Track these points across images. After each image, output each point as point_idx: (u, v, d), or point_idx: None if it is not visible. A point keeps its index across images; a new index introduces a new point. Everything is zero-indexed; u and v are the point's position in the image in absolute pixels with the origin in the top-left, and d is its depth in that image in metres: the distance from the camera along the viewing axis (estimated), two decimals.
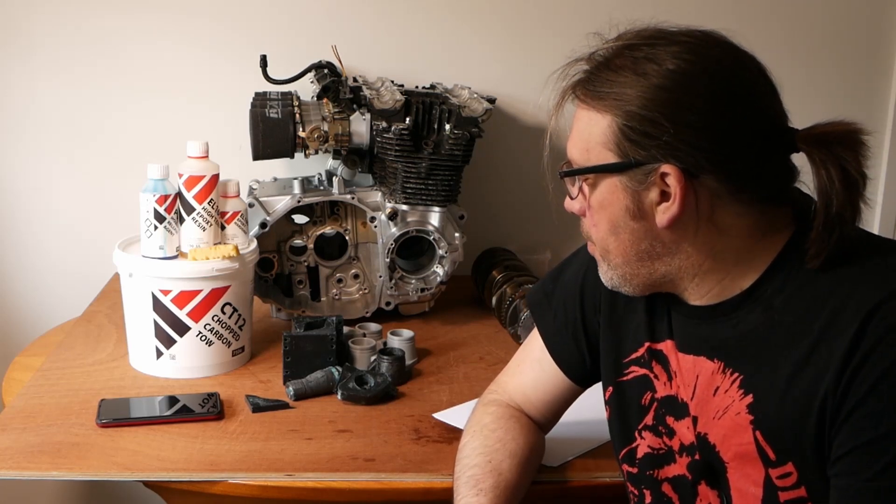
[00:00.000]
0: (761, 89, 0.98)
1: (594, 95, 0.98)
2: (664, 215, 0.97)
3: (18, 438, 1.33)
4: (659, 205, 0.97)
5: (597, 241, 1.06)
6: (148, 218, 1.51)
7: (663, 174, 0.95)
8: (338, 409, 1.45)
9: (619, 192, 0.99)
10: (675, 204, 0.96)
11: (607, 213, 1.01)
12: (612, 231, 1.02)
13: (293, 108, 1.75)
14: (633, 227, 1.00)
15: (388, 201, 1.76)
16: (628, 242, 1.01)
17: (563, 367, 1.24)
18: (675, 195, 0.96)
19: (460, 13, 2.04)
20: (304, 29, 2.01)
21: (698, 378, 1.04)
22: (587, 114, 1.00)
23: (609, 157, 0.98)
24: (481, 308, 1.88)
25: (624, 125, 0.96)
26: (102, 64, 2.01)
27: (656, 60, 0.95)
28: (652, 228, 0.99)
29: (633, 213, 0.99)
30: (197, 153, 1.54)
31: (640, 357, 1.12)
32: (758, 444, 0.96)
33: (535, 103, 2.08)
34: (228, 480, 1.25)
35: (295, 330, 1.56)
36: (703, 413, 1.03)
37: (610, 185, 0.99)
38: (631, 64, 0.96)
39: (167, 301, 1.51)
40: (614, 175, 0.98)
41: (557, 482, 1.28)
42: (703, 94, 0.94)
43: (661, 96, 0.94)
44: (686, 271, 1.01)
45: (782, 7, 2.11)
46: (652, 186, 0.97)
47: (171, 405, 1.43)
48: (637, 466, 1.13)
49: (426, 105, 1.75)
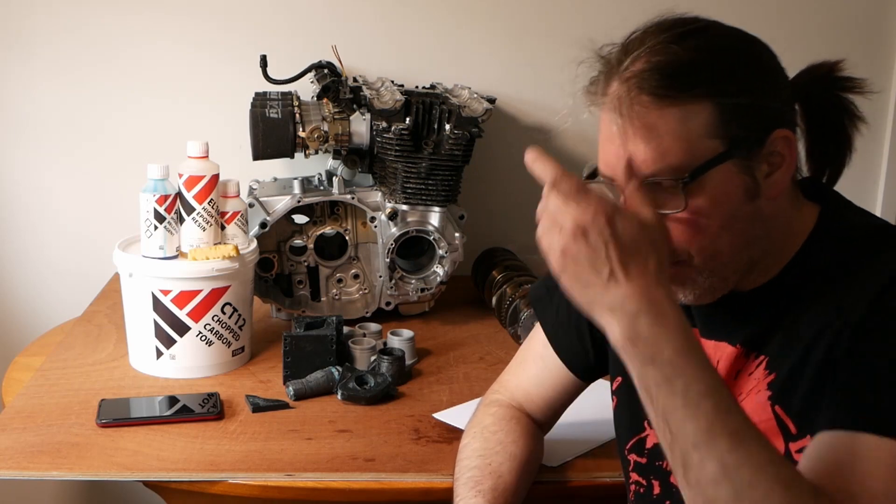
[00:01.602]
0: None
1: (682, 86, 0.91)
2: (776, 185, 0.94)
3: (18, 438, 1.33)
4: (768, 177, 0.94)
5: (702, 251, 0.95)
6: (148, 218, 1.51)
7: (774, 139, 0.93)
8: (338, 409, 1.45)
9: (734, 176, 0.92)
10: (786, 166, 0.94)
11: (723, 208, 0.93)
12: (725, 227, 0.94)
13: (293, 108, 1.75)
14: (748, 212, 0.94)
15: (388, 201, 1.76)
16: (741, 232, 0.95)
17: (566, 360, 1.23)
18: (788, 156, 0.94)
19: (460, 13, 2.04)
20: (304, 29, 2.01)
21: (718, 363, 1.02)
22: (673, 112, 0.91)
23: (716, 146, 0.91)
24: (481, 308, 1.88)
25: (728, 105, 0.91)
26: (102, 64, 2.01)
27: (720, 35, 0.94)
28: (761, 207, 0.95)
29: (752, 191, 0.93)
30: (197, 153, 1.54)
31: None
32: (778, 419, 0.94)
33: (535, 103, 2.08)
34: (228, 480, 1.25)
35: (295, 330, 1.56)
36: None
37: (723, 173, 0.92)
38: (704, 44, 0.93)
39: (167, 301, 1.51)
40: (727, 161, 0.92)
41: (557, 482, 1.28)
42: (766, 56, 0.95)
43: (748, 66, 0.93)
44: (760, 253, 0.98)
45: (782, 7, 2.11)
46: (764, 158, 0.93)
47: (171, 405, 1.43)
48: (646, 456, 1.11)
49: (426, 105, 1.74)
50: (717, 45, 0.94)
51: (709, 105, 0.91)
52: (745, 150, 0.92)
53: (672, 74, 0.91)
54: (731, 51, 0.94)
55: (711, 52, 0.92)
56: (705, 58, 0.92)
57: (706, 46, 0.93)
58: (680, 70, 0.91)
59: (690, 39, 0.93)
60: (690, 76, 0.91)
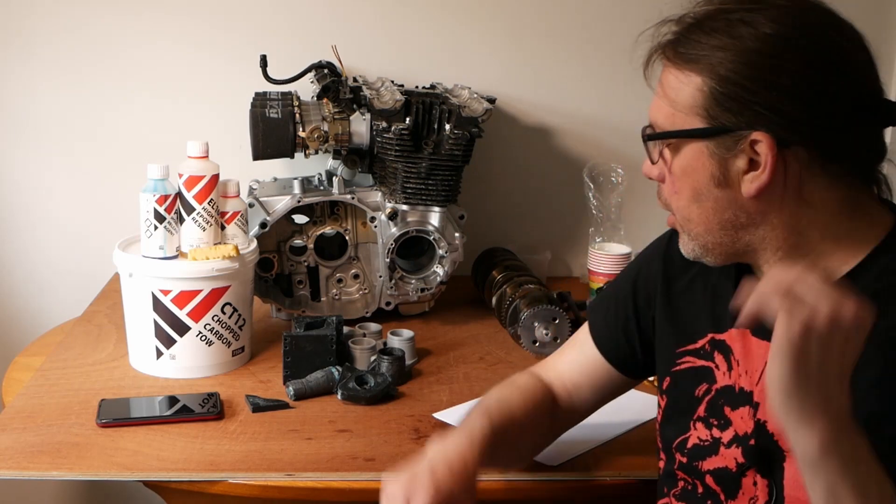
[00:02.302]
0: (859, 58, 0.95)
1: (685, 57, 0.95)
2: (752, 185, 0.95)
3: (18, 438, 1.33)
4: (746, 173, 0.95)
5: (677, 210, 1.03)
6: (148, 218, 1.51)
7: (754, 142, 0.93)
8: (338, 409, 1.45)
9: (704, 158, 0.96)
10: (764, 173, 0.93)
11: (691, 179, 0.98)
12: (694, 199, 0.99)
13: (293, 108, 1.75)
14: (717, 196, 0.97)
15: (388, 201, 1.76)
16: (711, 211, 0.98)
17: (605, 351, 1.24)
18: (764, 164, 0.93)
19: (460, 13, 2.04)
20: (304, 29, 2.01)
21: (766, 364, 1.00)
22: (675, 76, 0.97)
23: (696, 122, 0.95)
24: (481, 308, 1.88)
25: (715, 88, 0.93)
26: (103, 64, 2.01)
27: (752, 24, 0.92)
28: (736, 198, 0.96)
29: (719, 180, 0.96)
30: (197, 153, 1.54)
31: (700, 348, 1.10)
32: None
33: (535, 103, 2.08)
34: (228, 480, 1.25)
35: (295, 330, 1.56)
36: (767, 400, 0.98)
37: (695, 150, 0.96)
38: (725, 26, 0.93)
39: (167, 301, 1.51)
40: (701, 140, 0.95)
41: (557, 482, 1.28)
42: (799, 59, 0.92)
43: (756, 60, 0.92)
44: (770, 242, 0.99)
45: None
46: (740, 154, 0.94)
47: (171, 405, 1.43)
48: (687, 456, 1.11)
49: (426, 105, 1.75)
50: (744, 32, 0.92)
51: (700, 83, 0.94)
52: (719, 139, 0.94)
53: (688, 42, 0.95)
54: (755, 41, 0.92)
55: (730, 35, 0.93)
56: (718, 39, 0.93)
57: (727, 29, 0.93)
58: (692, 41, 0.95)
59: (726, 16, 0.94)
60: (699, 50, 0.94)
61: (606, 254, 1.92)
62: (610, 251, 1.94)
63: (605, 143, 2.10)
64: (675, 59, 0.96)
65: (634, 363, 1.23)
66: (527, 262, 1.94)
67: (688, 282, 1.14)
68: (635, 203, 2.06)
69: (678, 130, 0.97)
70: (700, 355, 1.10)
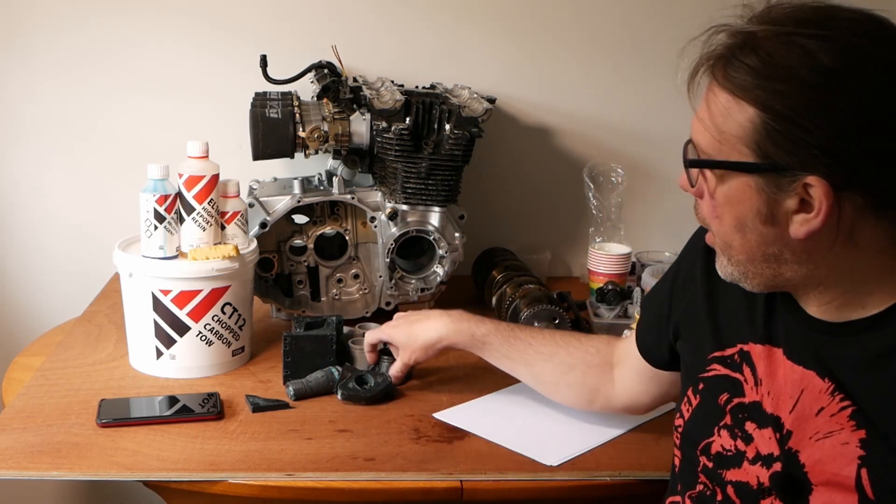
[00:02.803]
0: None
1: (735, 82, 0.89)
2: (802, 227, 0.90)
3: (18, 438, 1.33)
4: (796, 214, 0.90)
5: (718, 234, 0.98)
6: (148, 218, 1.51)
7: (807, 185, 0.87)
8: (338, 409, 1.45)
9: (751, 192, 0.91)
10: (817, 218, 0.88)
11: (735, 210, 0.93)
12: (737, 228, 0.94)
13: (293, 108, 1.75)
14: (763, 231, 0.93)
15: (388, 201, 1.76)
16: (755, 244, 0.94)
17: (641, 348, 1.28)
18: (818, 209, 0.88)
19: (460, 13, 2.04)
20: (304, 29, 2.01)
21: (803, 392, 0.97)
22: (726, 99, 0.90)
23: (745, 154, 0.90)
24: (481, 308, 1.87)
25: (769, 124, 0.87)
26: (102, 64, 2.01)
27: (813, 54, 0.85)
28: (783, 235, 0.92)
29: (765, 217, 0.91)
30: (197, 153, 1.54)
31: (730, 357, 1.07)
32: (858, 482, 0.90)
33: (535, 103, 2.08)
34: (228, 480, 1.25)
35: (295, 330, 1.56)
36: (801, 430, 0.97)
37: (742, 184, 0.91)
38: (783, 53, 0.86)
39: (167, 301, 1.51)
40: (749, 175, 0.90)
41: (557, 482, 1.28)
42: (862, 99, 0.85)
43: (817, 98, 0.85)
44: (811, 279, 0.95)
45: None
46: (791, 194, 0.89)
47: (171, 405, 1.43)
48: (713, 461, 1.08)
49: (426, 105, 1.74)
50: (805, 64, 0.85)
51: (752, 115, 0.88)
52: (770, 176, 0.89)
53: (740, 66, 0.88)
54: (816, 76, 0.85)
55: (789, 66, 0.86)
56: (776, 69, 0.86)
57: (785, 58, 0.86)
58: (750, 67, 0.88)
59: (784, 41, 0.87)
60: (756, 78, 0.87)
61: (606, 254, 1.92)
62: (610, 251, 1.93)
63: (605, 143, 2.10)
64: (724, 81, 0.90)
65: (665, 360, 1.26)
66: (527, 262, 1.94)
67: (729, 286, 1.08)
68: (635, 203, 2.07)
69: (725, 161, 0.91)
70: (727, 364, 1.07)
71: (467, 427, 1.39)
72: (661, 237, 2.08)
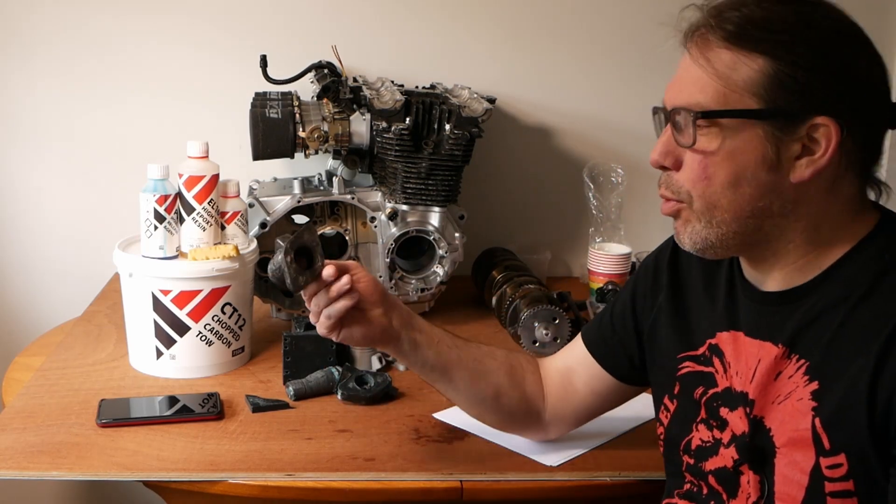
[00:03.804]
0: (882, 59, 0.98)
1: (746, 36, 0.94)
2: (806, 169, 0.94)
3: (18, 438, 1.33)
4: (799, 158, 0.94)
5: (704, 196, 0.99)
6: (148, 218, 1.51)
7: (814, 126, 0.93)
8: (338, 409, 1.45)
9: (759, 141, 0.95)
10: (824, 157, 0.93)
11: (736, 163, 0.96)
12: (732, 184, 0.97)
13: (293, 108, 1.75)
14: (762, 181, 0.96)
15: (388, 201, 1.76)
16: (747, 197, 0.97)
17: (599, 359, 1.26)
18: (825, 149, 0.93)
19: (460, 13, 2.04)
20: (304, 29, 2.01)
21: (760, 362, 1.02)
22: (730, 55, 0.94)
23: (752, 103, 0.94)
24: (481, 308, 1.88)
25: (782, 71, 0.92)
26: (102, 64, 2.01)
27: (818, 10, 0.95)
28: (780, 183, 0.96)
29: (771, 163, 0.95)
30: (197, 153, 1.54)
31: (701, 355, 1.11)
32: (814, 432, 0.95)
33: (535, 103, 2.08)
34: (228, 480, 1.25)
35: (295, 330, 1.56)
36: (762, 396, 1.01)
37: (750, 133, 0.95)
38: (794, 10, 0.94)
39: (167, 301, 1.51)
40: (758, 122, 0.94)
41: (557, 482, 1.28)
42: (860, 51, 0.94)
43: (827, 46, 0.93)
44: (787, 234, 0.99)
45: None
46: (796, 139, 0.94)
47: (171, 405, 1.43)
48: (693, 458, 1.12)
49: (426, 105, 1.75)
50: (806, 17, 0.94)
51: (762, 64, 0.93)
52: (780, 122, 0.93)
53: (744, 23, 0.94)
54: (815, 28, 0.93)
55: (794, 20, 0.93)
56: (784, 22, 0.93)
57: (794, 13, 0.94)
58: (753, 22, 0.93)
59: (788, 3, 0.95)
60: (760, 31, 0.93)
61: (606, 254, 1.92)
62: (610, 251, 1.94)
63: (605, 143, 2.10)
64: (731, 37, 0.94)
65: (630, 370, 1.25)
66: (527, 262, 1.94)
67: (691, 289, 1.15)
68: (635, 203, 2.07)
69: (737, 110, 0.94)
70: (699, 361, 1.11)
71: (467, 427, 1.39)
72: (661, 237, 2.05)
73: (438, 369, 1.25)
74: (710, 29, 0.96)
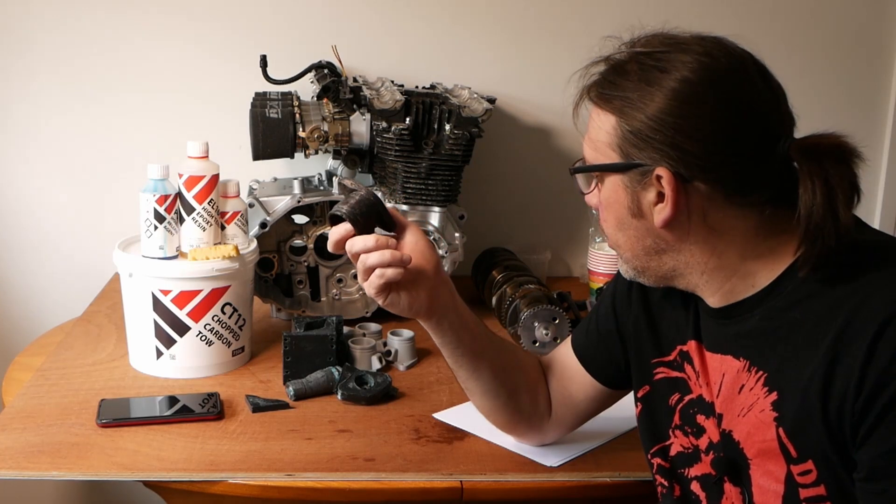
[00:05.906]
0: (762, 97, 0.99)
1: (604, 97, 1.03)
2: (659, 216, 1.02)
3: (18, 438, 1.33)
4: (655, 205, 1.02)
5: (608, 236, 1.11)
6: (148, 218, 1.51)
7: (658, 176, 1.00)
8: (338, 409, 1.45)
9: (620, 190, 1.04)
10: (667, 206, 1.00)
11: (613, 209, 1.06)
12: (618, 227, 1.07)
13: (293, 108, 1.75)
14: (636, 225, 1.05)
15: (388, 201, 1.76)
16: (634, 238, 1.06)
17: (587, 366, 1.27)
18: (667, 197, 1.00)
19: (460, 14, 2.04)
20: (304, 29, 2.01)
21: (724, 376, 1.06)
22: (598, 114, 1.05)
23: (613, 158, 1.03)
24: (481, 308, 1.88)
25: (625, 127, 1.01)
26: (102, 64, 2.01)
27: (664, 69, 1.00)
28: (651, 227, 1.03)
29: (634, 211, 1.04)
30: (197, 153, 1.54)
31: (673, 360, 1.15)
32: (780, 442, 0.98)
33: (535, 103, 2.08)
34: (228, 480, 1.25)
35: (295, 330, 1.56)
36: (728, 410, 1.05)
37: (614, 183, 1.04)
38: (639, 70, 1.01)
39: (167, 301, 1.51)
40: (617, 174, 1.04)
41: (557, 482, 1.28)
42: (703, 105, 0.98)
43: (663, 104, 0.98)
44: (693, 267, 1.05)
45: (782, 11, 2.11)
46: (649, 187, 1.01)
47: (171, 405, 1.43)
48: (670, 462, 1.16)
49: (426, 105, 1.75)
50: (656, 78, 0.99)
51: (614, 122, 1.02)
52: (632, 174, 1.02)
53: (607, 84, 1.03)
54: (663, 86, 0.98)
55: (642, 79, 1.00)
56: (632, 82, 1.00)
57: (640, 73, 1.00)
58: (611, 83, 1.03)
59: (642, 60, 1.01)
60: (613, 91, 1.02)
61: (606, 254, 1.92)
62: (610, 251, 1.93)
63: None
64: (597, 99, 1.04)
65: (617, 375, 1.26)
66: (527, 262, 1.94)
67: (663, 294, 1.17)
68: None
69: (596, 164, 1.06)
70: (672, 366, 1.15)
71: (467, 427, 1.39)
72: None
73: (469, 354, 1.23)
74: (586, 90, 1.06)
